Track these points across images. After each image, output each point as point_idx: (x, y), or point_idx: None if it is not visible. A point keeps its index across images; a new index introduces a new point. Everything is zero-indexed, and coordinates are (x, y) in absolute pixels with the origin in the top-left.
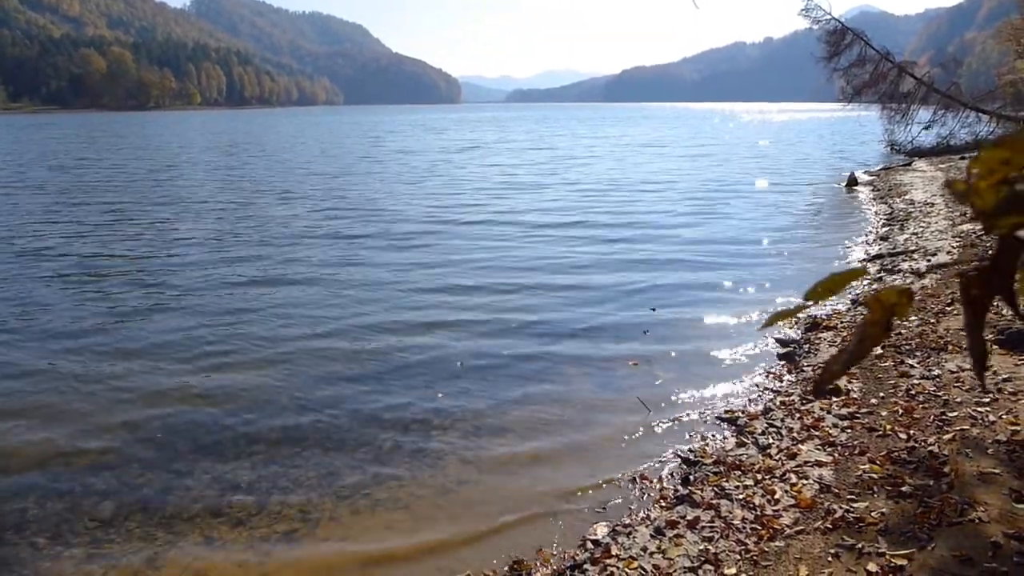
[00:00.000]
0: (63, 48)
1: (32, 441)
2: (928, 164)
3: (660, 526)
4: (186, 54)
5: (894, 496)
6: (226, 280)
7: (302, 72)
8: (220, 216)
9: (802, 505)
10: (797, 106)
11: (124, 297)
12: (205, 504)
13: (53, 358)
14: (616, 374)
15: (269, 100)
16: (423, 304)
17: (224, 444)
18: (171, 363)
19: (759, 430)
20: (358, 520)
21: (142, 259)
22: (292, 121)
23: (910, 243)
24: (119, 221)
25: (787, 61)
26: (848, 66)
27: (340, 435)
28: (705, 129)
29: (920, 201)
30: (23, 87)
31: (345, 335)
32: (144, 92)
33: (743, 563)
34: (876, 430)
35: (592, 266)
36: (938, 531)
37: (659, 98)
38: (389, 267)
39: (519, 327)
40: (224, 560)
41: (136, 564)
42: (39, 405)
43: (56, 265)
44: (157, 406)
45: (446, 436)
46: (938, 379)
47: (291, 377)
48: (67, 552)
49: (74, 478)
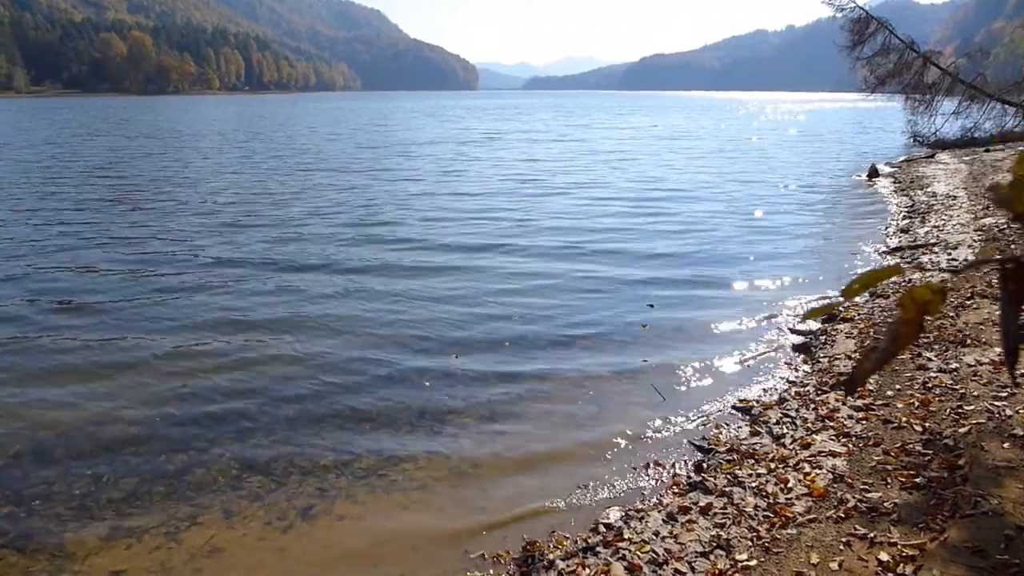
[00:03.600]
0: (84, 32)
1: (58, 417)
2: (951, 156)
3: (673, 511)
4: (205, 39)
5: (908, 487)
6: (249, 264)
7: (320, 57)
8: (249, 201)
9: (815, 494)
10: (819, 95)
11: (151, 278)
12: (225, 480)
13: (79, 334)
14: (631, 362)
15: (287, 85)
16: (438, 294)
17: (243, 423)
18: (193, 345)
19: (773, 420)
20: (374, 499)
21: (173, 242)
22: (315, 107)
23: (931, 236)
24: (155, 200)
25: (809, 50)
26: (871, 55)
27: (357, 417)
28: (729, 119)
29: (942, 194)
30: (45, 71)
31: (363, 320)
32: (164, 76)
33: (755, 549)
34: (891, 422)
35: (606, 256)
36: (951, 522)
37: (678, 86)
38: (408, 259)
39: (536, 314)
40: (243, 535)
41: (158, 538)
42: (65, 382)
43: (88, 244)
44: (178, 385)
45: (461, 419)
46: (956, 373)
47: (309, 360)
48: (90, 525)
49: (97, 453)
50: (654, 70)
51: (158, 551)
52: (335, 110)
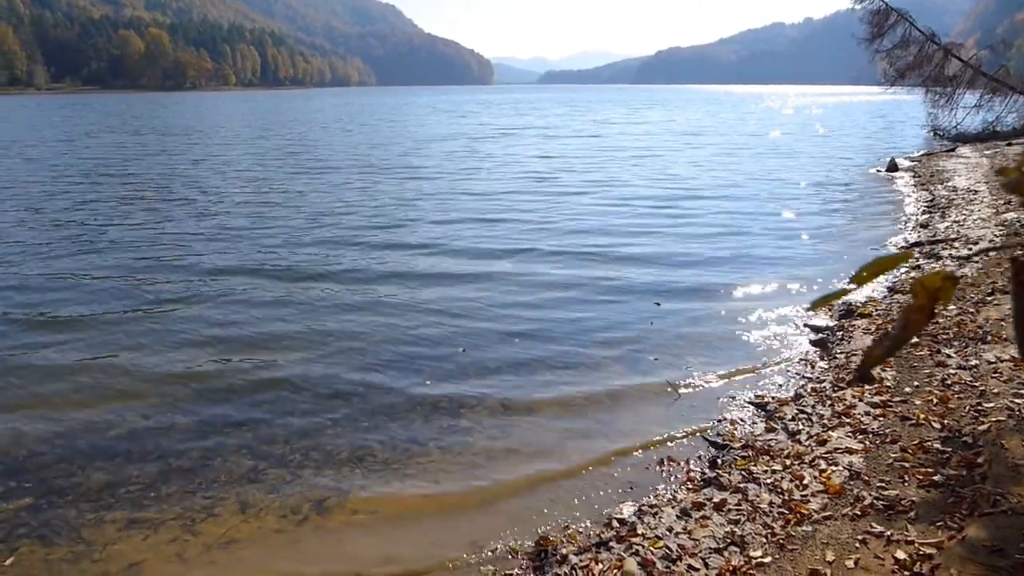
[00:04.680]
0: (103, 29)
1: (78, 411)
2: (972, 150)
3: (686, 507)
4: (221, 35)
5: (926, 485)
6: (264, 265)
7: (335, 53)
8: (273, 201)
9: (831, 491)
10: (838, 89)
11: (170, 277)
12: (240, 473)
13: (102, 330)
14: (645, 357)
15: (303, 81)
16: (453, 287)
17: (259, 418)
18: (211, 341)
19: (789, 416)
20: (388, 493)
21: (187, 243)
22: (331, 102)
23: (951, 231)
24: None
25: (828, 43)
26: (891, 48)
27: (371, 412)
28: (748, 113)
29: (963, 188)
30: (65, 68)
31: (378, 316)
32: (181, 73)
33: (769, 546)
34: (909, 419)
35: (618, 250)
36: (970, 521)
37: (694, 80)
38: (422, 255)
39: (550, 308)
40: (259, 527)
41: (174, 529)
42: (86, 376)
43: (111, 240)
44: (196, 381)
45: (475, 414)
46: (975, 369)
47: (325, 357)
48: (109, 516)
49: (116, 447)
50: (670, 64)
51: (175, 542)
52: (347, 106)
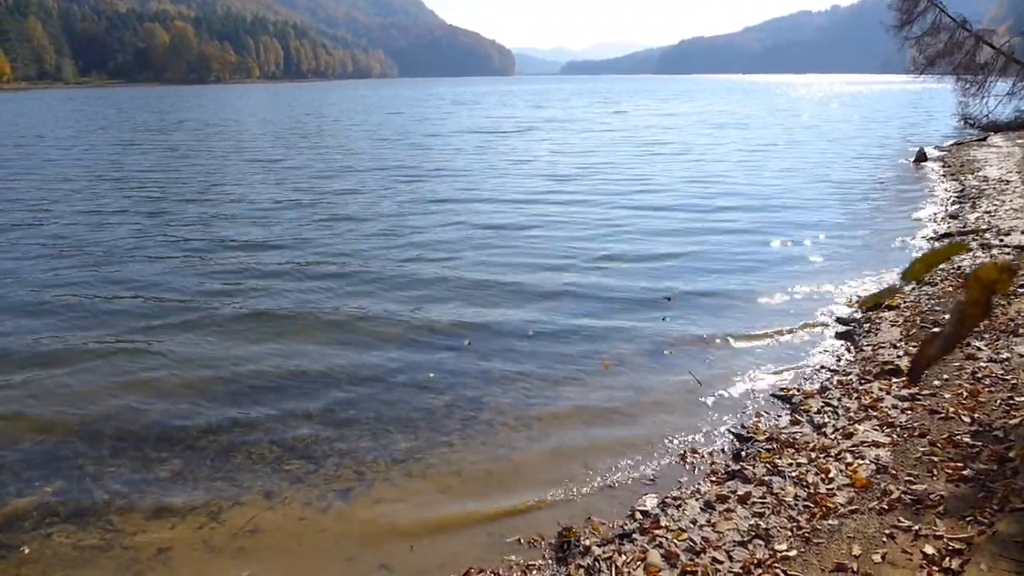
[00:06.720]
0: (128, 23)
1: (106, 400)
2: (1004, 139)
3: (710, 500)
4: (245, 28)
5: (955, 479)
6: (288, 260)
7: (357, 44)
8: (299, 198)
9: (857, 485)
10: (865, 78)
11: (198, 266)
12: (266, 463)
13: (126, 322)
14: (668, 348)
15: (325, 73)
16: (472, 279)
17: (283, 408)
18: (234, 332)
19: (814, 409)
20: (411, 483)
21: (215, 230)
22: (353, 95)
23: (981, 222)
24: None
25: (855, 30)
26: (921, 35)
27: (394, 402)
28: (773, 104)
29: (994, 178)
30: (92, 61)
31: (400, 306)
32: (205, 66)
33: (794, 540)
34: (938, 412)
35: (646, 235)
36: (1000, 516)
37: (717, 70)
38: (446, 244)
39: (571, 299)
40: (283, 515)
41: (201, 517)
42: (113, 366)
43: (154, 229)
44: (220, 371)
45: (498, 404)
46: (1007, 363)
47: (347, 349)
48: (138, 504)
49: (144, 436)
50: (692, 53)
51: (201, 530)
52: (369, 97)
